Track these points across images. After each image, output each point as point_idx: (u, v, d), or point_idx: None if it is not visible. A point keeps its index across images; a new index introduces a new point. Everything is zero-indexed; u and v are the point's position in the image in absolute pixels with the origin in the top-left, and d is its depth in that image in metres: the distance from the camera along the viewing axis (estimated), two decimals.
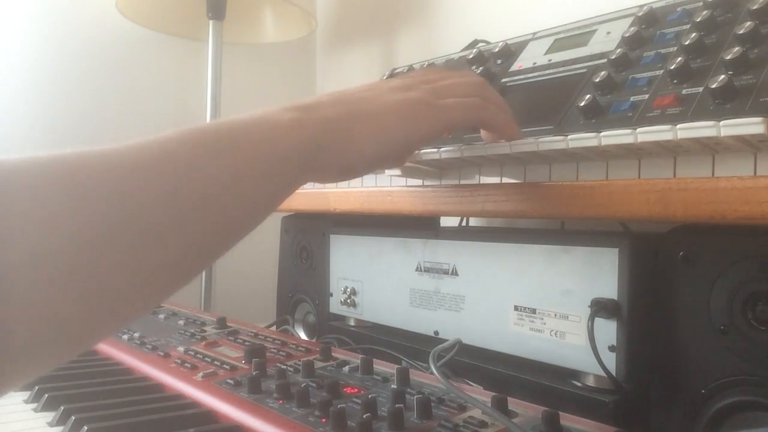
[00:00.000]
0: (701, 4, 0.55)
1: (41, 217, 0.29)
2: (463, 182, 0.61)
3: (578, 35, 0.65)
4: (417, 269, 0.71)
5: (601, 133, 0.45)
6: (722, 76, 0.44)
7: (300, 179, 0.43)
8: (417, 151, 0.59)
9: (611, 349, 0.52)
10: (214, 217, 0.37)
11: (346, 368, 0.58)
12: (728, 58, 0.45)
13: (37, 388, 0.55)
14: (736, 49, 0.45)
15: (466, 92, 0.52)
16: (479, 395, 0.47)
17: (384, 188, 0.67)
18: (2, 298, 0.28)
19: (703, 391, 0.48)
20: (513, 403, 0.46)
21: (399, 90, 0.49)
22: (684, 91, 0.47)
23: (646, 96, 0.50)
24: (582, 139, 0.47)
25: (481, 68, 0.72)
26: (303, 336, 0.93)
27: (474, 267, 0.65)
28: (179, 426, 0.47)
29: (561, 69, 0.63)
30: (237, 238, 0.40)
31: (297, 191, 0.45)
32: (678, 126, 0.41)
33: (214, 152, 0.37)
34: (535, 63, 0.67)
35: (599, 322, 0.52)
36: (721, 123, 0.39)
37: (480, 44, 0.83)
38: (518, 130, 0.55)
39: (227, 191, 0.37)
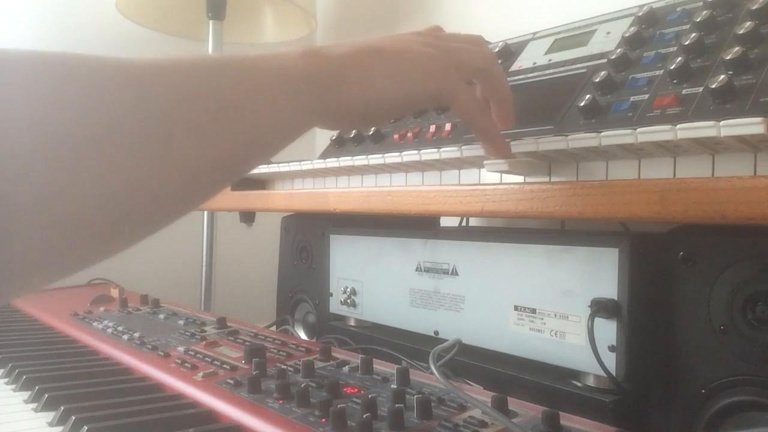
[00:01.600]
0: (701, 4, 0.55)
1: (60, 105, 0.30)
2: (463, 182, 0.61)
3: (578, 35, 0.65)
4: (417, 269, 0.71)
5: (601, 133, 0.45)
6: (722, 76, 0.44)
7: (319, 114, 0.43)
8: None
9: (611, 349, 0.52)
10: (229, 127, 0.36)
11: (346, 368, 0.58)
12: (728, 58, 0.45)
13: (37, 388, 0.55)
14: (736, 49, 0.45)
15: (474, 45, 0.52)
16: (479, 395, 0.47)
17: (384, 188, 0.67)
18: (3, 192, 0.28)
19: (703, 391, 0.48)
20: (513, 403, 0.46)
21: (419, 42, 0.48)
22: (684, 91, 0.47)
23: (646, 96, 0.50)
24: (582, 139, 0.47)
25: None
26: (303, 336, 0.93)
27: (474, 267, 0.65)
28: (179, 426, 0.47)
29: (561, 69, 0.63)
30: (252, 157, 0.40)
31: (297, 191, 0.44)
32: (678, 126, 0.41)
33: (231, 68, 0.38)
34: (535, 63, 0.67)
35: (599, 322, 0.52)
36: (721, 123, 0.39)
37: None
38: (512, 116, 0.54)
39: (242, 105, 0.37)
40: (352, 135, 0.82)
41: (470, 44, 0.52)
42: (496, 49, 0.72)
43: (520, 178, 0.56)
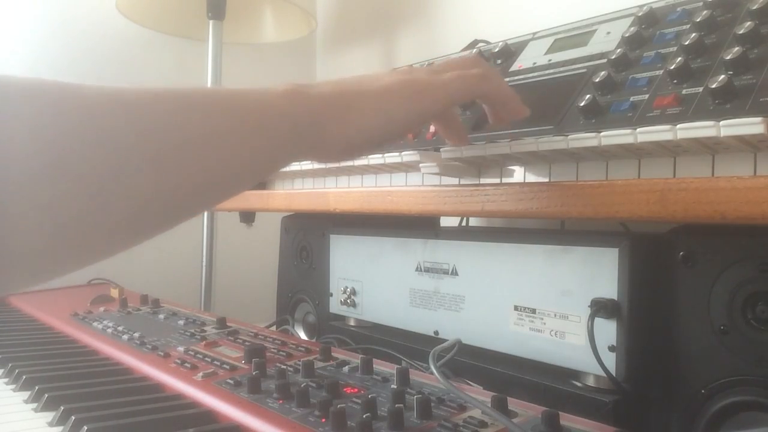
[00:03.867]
0: (701, 4, 0.55)
1: (42, 138, 0.31)
2: (463, 182, 0.61)
3: (578, 35, 0.65)
4: (417, 269, 0.71)
5: (601, 133, 0.45)
6: (722, 76, 0.44)
7: (297, 152, 0.44)
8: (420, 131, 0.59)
9: (611, 349, 0.52)
10: (189, 164, 0.37)
11: (346, 368, 0.58)
12: (728, 58, 0.45)
13: (37, 388, 0.55)
14: (736, 49, 0.45)
15: (465, 65, 0.51)
16: (479, 395, 0.47)
17: (384, 188, 0.67)
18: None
19: (703, 391, 0.48)
20: (513, 403, 0.46)
21: (398, 73, 0.49)
22: (684, 91, 0.47)
23: (646, 96, 0.50)
24: (582, 139, 0.47)
25: None
26: (303, 336, 0.93)
27: (474, 267, 0.65)
28: (179, 426, 0.47)
29: (561, 69, 0.63)
30: (213, 195, 0.41)
31: (297, 191, 0.45)
32: (678, 126, 0.41)
33: (201, 105, 0.39)
34: (535, 63, 0.67)
35: (599, 322, 0.52)
36: (721, 123, 0.39)
37: (480, 44, 0.83)
38: (524, 106, 0.53)
39: (207, 143, 0.38)
40: None
41: (462, 68, 0.51)
42: (496, 49, 0.72)
43: (520, 178, 0.56)
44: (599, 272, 0.53)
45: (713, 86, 0.44)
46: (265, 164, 0.43)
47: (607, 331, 0.52)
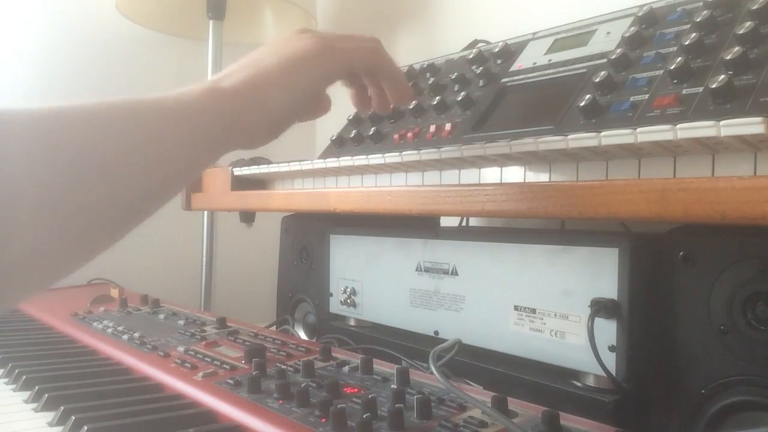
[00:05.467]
0: (701, 4, 0.55)
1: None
2: (463, 182, 0.61)
3: (578, 35, 0.65)
4: (417, 269, 0.71)
5: (601, 133, 0.45)
6: (722, 76, 0.44)
7: (228, 143, 0.47)
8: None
9: (611, 349, 0.52)
10: (133, 170, 0.40)
11: (346, 368, 0.58)
12: (728, 58, 0.45)
13: (37, 388, 0.55)
14: (736, 49, 0.45)
15: (362, 39, 0.55)
16: (479, 395, 0.47)
17: (384, 188, 0.67)
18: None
19: (703, 391, 0.48)
20: (513, 403, 0.46)
21: (295, 39, 0.52)
22: (684, 91, 0.47)
23: (646, 96, 0.50)
24: (582, 139, 0.47)
25: (481, 68, 0.72)
26: (303, 336, 0.93)
27: (474, 267, 0.65)
28: (179, 426, 0.47)
29: (561, 69, 0.63)
30: (158, 196, 0.43)
31: (297, 191, 0.45)
32: (678, 126, 0.41)
33: (134, 114, 0.42)
34: (535, 63, 0.67)
35: (599, 322, 0.52)
36: (721, 123, 0.39)
37: (480, 44, 0.83)
38: (410, 89, 0.58)
39: (146, 149, 0.41)
40: (352, 135, 0.82)
41: (359, 41, 0.55)
42: (496, 49, 0.72)
43: (520, 178, 0.56)
44: (599, 272, 0.53)
45: (713, 86, 0.44)
46: (200, 160, 0.46)
47: (607, 331, 0.52)
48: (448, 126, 0.68)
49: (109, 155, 0.39)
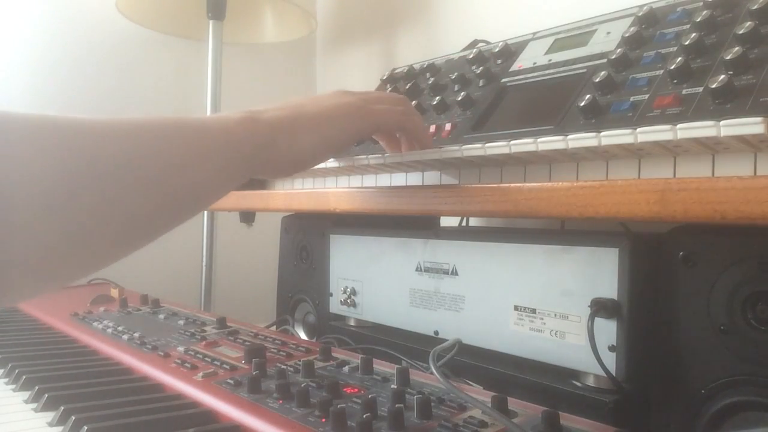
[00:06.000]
0: (701, 4, 0.55)
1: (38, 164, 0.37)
2: (463, 182, 0.61)
3: (578, 35, 0.65)
4: (417, 269, 0.71)
5: (601, 133, 0.45)
6: (722, 76, 0.44)
7: (254, 170, 0.51)
8: (355, 146, 0.71)
9: (611, 349, 0.52)
10: (170, 186, 0.43)
11: (346, 368, 0.58)
12: (728, 58, 0.45)
13: (37, 388, 0.55)
14: (736, 49, 0.45)
15: (393, 102, 0.62)
16: (479, 395, 0.47)
17: (384, 188, 0.67)
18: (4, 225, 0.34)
19: (703, 391, 0.48)
20: (513, 403, 0.46)
21: (336, 96, 0.58)
22: (684, 91, 0.47)
23: (646, 96, 0.50)
24: (582, 139, 0.47)
25: (481, 68, 0.72)
26: (303, 336, 0.93)
27: (474, 267, 0.65)
28: (179, 426, 0.47)
29: (561, 69, 0.63)
30: (186, 210, 0.46)
31: (297, 191, 0.46)
32: (678, 126, 0.41)
33: (176, 133, 0.45)
34: (535, 63, 0.67)
35: (599, 322, 0.52)
36: (721, 123, 0.39)
37: (480, 44, 0.83)
38: (431, 140, 0.65)
39: (184, 168, 0.44)
40: None
41: (391, 104, 0.61)
42: (496, 49, 0.72)
43: (520, 178, 0.56)
44: (599, 272, 0.53)
45: (713, 86, 0.44)
46: (228, 181, 0.49)
47: (607, 331, 0.52)
48: (448, 126, 0.68)
49: (154, 170, 0.42)
